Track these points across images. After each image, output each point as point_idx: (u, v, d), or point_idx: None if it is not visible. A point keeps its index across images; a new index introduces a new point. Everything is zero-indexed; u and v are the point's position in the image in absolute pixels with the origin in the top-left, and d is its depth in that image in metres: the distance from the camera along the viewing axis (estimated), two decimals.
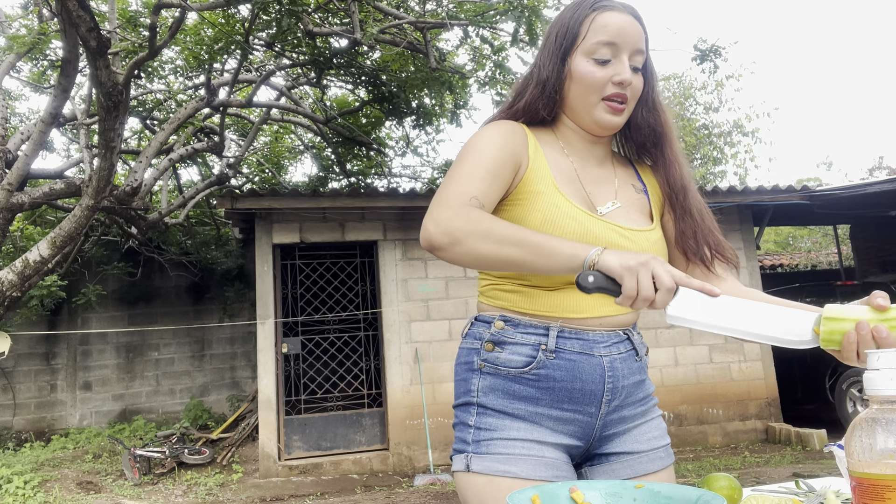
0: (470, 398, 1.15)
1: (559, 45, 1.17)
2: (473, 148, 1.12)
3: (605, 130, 1.18)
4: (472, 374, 1.16)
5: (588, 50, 1.13)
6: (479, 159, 1.10)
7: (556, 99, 1.18)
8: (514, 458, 1.09)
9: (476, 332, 1.19)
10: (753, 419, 7.48)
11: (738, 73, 16.55)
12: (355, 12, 6.41)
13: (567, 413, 1.12)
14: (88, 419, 9.06)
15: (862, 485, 0.71)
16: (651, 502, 0.84)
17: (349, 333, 7.71)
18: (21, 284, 5.41)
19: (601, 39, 1.12)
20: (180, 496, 6.21)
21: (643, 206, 1.24)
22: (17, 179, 5.58)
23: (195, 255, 9.37)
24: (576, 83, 1.15)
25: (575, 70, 1.14)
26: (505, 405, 1.12)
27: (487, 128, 1.16)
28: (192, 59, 7.32)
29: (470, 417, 1.14)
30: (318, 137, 9.99)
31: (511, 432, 1.11)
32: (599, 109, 1.14)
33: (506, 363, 1.13)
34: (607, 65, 1.13)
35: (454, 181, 1.08)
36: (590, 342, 1.13)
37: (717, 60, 6.71)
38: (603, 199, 1.19)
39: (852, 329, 0.89)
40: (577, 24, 1.15)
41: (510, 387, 1.13)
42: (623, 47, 1.13)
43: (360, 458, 6.81)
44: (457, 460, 1.14)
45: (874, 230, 9.70)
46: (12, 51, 6.06)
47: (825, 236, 16.16)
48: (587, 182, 1.20)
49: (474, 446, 1.12)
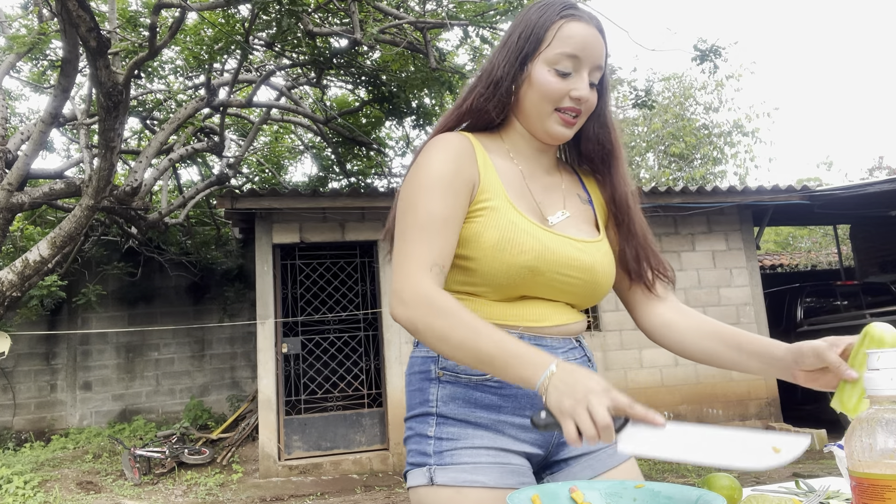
0: (428, 408, 1.11)
1: (520, 48, 1.14)
2: (424, 185, 1.08)
3: (554, 141, 1.17)
4: (429, 384, 1.13)
5: (550, 59, 1.12)
6: (432, 205, 1.07)
7: (509, 101, 1.16)
8: (481, 467, 1.05)
9: None
10: (753, 419, 7.47)
11: (738, 73, 16.56)
12: (355, 12, 6.42)
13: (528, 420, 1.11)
14: (88, 419, 9.06)
15: (862, 485, 0.71)
16: (651, 502, 0.84)
17: (349, 333, 7.71)
18: (21, 284, 5.41)
19: (565, 51, 1.11)
20: (180, 496, 6.21)
21: (589, 217, 1.23)
22: (17, 179, 5.59)
23: (195, 255, 9.37)
24: (533, 90, 1.13)
25: (534, 77, 1.13)
26: (467, 414, 1.09)
27: (435, 150, 1.12)
28: (192, 59, 7.32)
29: (429, 428, 1.10)
30: (318, 137, 10.00)
31: (475, 440, 1.08)
32: (552, 120, 1.14)
33: (466, 370, 1.09)
34: (567, 77, 1.12)
35: (414, 240, 1.05)
36: (548, 348, 1.12)
37: (717, 60, 6.72)
38: (552, 208, 1.18)
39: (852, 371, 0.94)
40: (543, 29, 1.13)
41: (471, 395, 1.09)
42: (584, 62, 1.12)
43: (360, 458, 6.81)
44: (416, 475, 1.09)
45: (874, 230, 9.71)
46: (12, 51, 6.06)
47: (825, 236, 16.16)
48: (536, 191, 1.18)
49: (437, 458, 1.07)
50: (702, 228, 7.82)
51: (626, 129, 17.43)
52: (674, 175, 17.01)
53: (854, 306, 7.84)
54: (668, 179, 16.43)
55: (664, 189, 7.54)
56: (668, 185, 8.64)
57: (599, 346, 7.30)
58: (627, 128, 17.48)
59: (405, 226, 1.08)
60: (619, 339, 7.36)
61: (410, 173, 1.13)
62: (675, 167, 17.33)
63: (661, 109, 16.39)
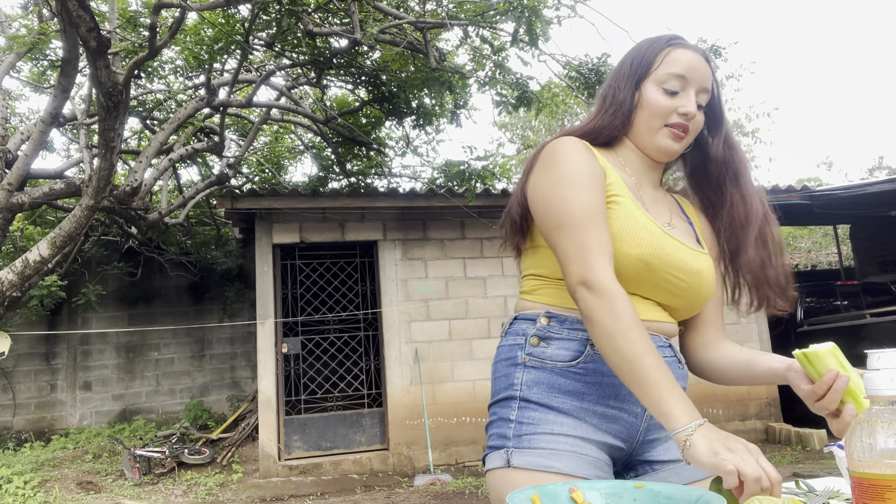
0: (512, 392, 1.14)
1: (634, 72, 1.23)
2: (573, 180, 1.13)
3: (664, 156, 1.25)
4: (514, 369, 1.15)
5: (659, 79, 1.20)
6: (588, 197, 1.11)
7: (626, 121, 1.24)
8: (559, 454, 1.07)
9: (519, 328, 1.19)
10: (753, 419, 7.48)
11: (738, 73, 16.58)
12: (355, 12, 6.42)
13: (612, 410, 1.12)
14: (88, 419, 9.06)
15: (862, 485, 0.71)
16: (651, 502, 0.84)
17: (349, 333, 7.71)
18: (21, 284, 5.41)
19: (672, 71, 1.19)
20: (180, 496, 6.21)
21: (691, 233, 1.28)
22: (17, 179, 5.58)
23: (195, 255, 9.37)
24: (644, 108, 1.22)
25: (645, 96, 1.21)
26: (549, 399, 1.11)
27: (568, 152, 1.17)
28: (192, 59, 7.32)
29: (511, 412, 1.13)
30: (318, 137, 9.99)
31: (555, 427, 1.09)
32: (662, 135, 1.21)
33: (552, 357, 1.13)
34: (675, 96, 1.20)
35: (585, 232, 1.08)
36: None
37: (717, 60, 6.72)
38: (661, 219, 1.23)
39: (835, 373, 0.96)
40: (653, 54, 1.23)
41: (555, 380, 1.12)
42: (691, 82, 1.20)
43: (360, 458, 6.81)
44: (494, 457, 1.11)
45: (874, 230, 9.70)
46: (12, 51, 6.05)
47: (825, 236, 16.16)
48: (647, 201, 1.24)
49: (515, 441, 1.10)
50: None
51: None
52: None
53: (854, 306, 7.84)
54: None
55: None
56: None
57: None
58: None
59: (572, 220, 1.10)
60: None
61: (551, 169, 1.16)
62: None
63: None
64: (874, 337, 6.70)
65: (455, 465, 6.85)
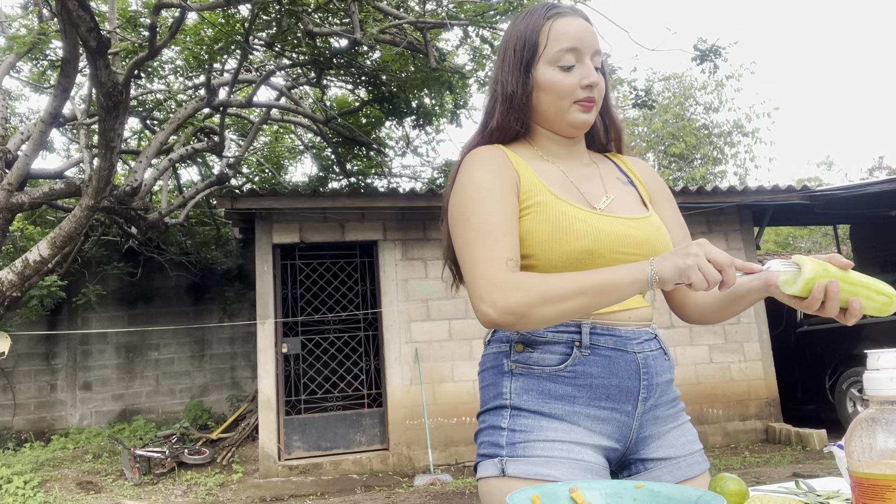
0: (502, 401, 1.12)
1: (520, 59, 1.18)
2: (474, 194, 1.12)
3: (579, 130, 1.22)
4: (502, 377, 1.13)
5: (552, 58, 1.16)
6: (487, 209, 1.10)
7: (526, 111, 1.20)
8: (554, 461, 1.05)
9: (503, 335, 1.16)
10: (753, 419, 7.48)
11: (738, 73, 16.53)
12: (355, 12, 6.42)
13: (604, 411, 1.10)
14: (88, 419, 9.06)
15: (862, 485, 0.71)
16: (651, 502, 0.84)
17: (349, 333, 7.71)
18: (21, 284, 5.41)
19: (563, 46, 1.15)
20: (180, 496, 6.21)
21: (634, 196, 1.26)
22: (17, 179, 5.59)
23: (195, 255, 9.37)
24: (545, 92, 1.17)
25: (542, 80, 1.17)
26: (541, 405, 1.09)
27: (473, 164, 1.16)
28: (192, 59, 7.33)
29: (503, 420, 1.10)
30: (318, 137, 10.00)
31: (549, 433, 1.08)
32: (573, 111, 1.17)
33: (539, 362, 1.11)
34: (572, 70, 1.16)
35: (480, 246, 1.07)
36: (623, 338, 1.13)
37: (717, 60, 6.72)
38: (596, 196, 1.20)
39: (823, 282, 0.94)
40: (535, 34, 1.17)
41: (545, 386, 1.10)
42: (584, 51, 1.16)
43: (360, 458, 6.81)
44: (486, 466, 1.09)
45: (874, 230, 9.70)
46: (12, 51, 6.06)
47: (825, 236, 16.17)
48: (578, 182, 1.21)
49: (509, 449, 1.07)
50: (702, 229, 7.82)
51: (626, 130, 17.42)
52: (674, 175, 17.01)
53: None
54: (668, 179, 16.42)
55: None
56: (669, 186, 8.63)
57: None
58: (627, 128, 17.48)
59: (468, 237, 1.09)
60: None
61: (456, 190, 1.16)
62: (675, 167, 17.32)
63: (661, 109, 16.38)
64: (874, 337, 6.70)
65: (455, 465, 6.85)
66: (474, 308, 1.05)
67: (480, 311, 1.04)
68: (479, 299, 1.04)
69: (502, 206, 1.11)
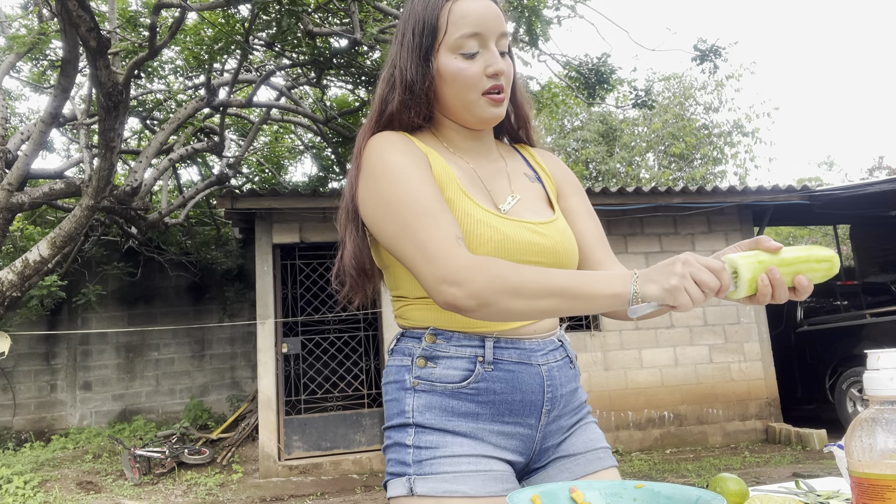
0: (405, 419, 1.06)
1: (418, 45, 1.08)
2: (393, 177, 1.03)
3: (489, 124, 1.13)
4: (404, 394, 1.07)
5: (453, 45, 1.06)
6: (414, 188, 1.01)
7: (427, 101, 1.10)
8: (463, 476, 1.01)
9: (405, 347, 1.10)
10: (753, 419, 7.48)
11: (738, 73, 16.53)
12: (355, 12, 6.42)
13: (508, 426, 1.07)
14: (88, 419, 9.06)
15: (862, 485, 0.71)
16: (651, 502, 0.84)
17: (349, 333, 7.71)
18: (21, 284, 5.41)
19: (465, 32, 1.05)
20: (180, 496, 6.21)
21: (540, 195, 1.19)
22: (17, 179, 5.59)
23: (195, 255, 9.37)
24: (448, 83, 1.07)
25: (444, 69, 1.07)
26: (444, 423, 1.04)
27: (380, 146, 1.06)
28: (192, 59, 7.33)
29: (407, 437, 1.05)
30: (318, 137, 10.00)
31: (455, 448, 1.03)
32: (481, 105, 1.08)
33: (441, 378, 1.05)
34: (476, 57, 1.06)
35: (423, 227, 0.98)
36: (527, 351, 1.08)
37: (717, 60, 6.72)
38: (502, 195, 1.13)
39: (764, 274, 0.89)
40: (434, 17, 1.07)
41: (448, 403, 1.05)
42: (489, 35, 1.06)
43: (360, 458, 6.81)
44: (395, 485, 1.03)
45: (874, 230, 9.71)
46: (12, 51, 6.06)
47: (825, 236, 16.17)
48: (486, 179, 1.13)
49: (416, 467, 1.02)
50: (702, 229, 7.82)
51: (626, 129, 17.43)
52: (674, 175, 17.01)
53: (854, 306, 7.84)
54: (668, 179, 16.42)
55: (664, 189, 7.54)
56: (668, 186, 8.64)
57: (599, 346, 7.30)
58: (627, 128, 17.48)
59: (404, 222, 1.00)
60: (619, 340, 7.36)
61: (368, 179, 1.05)
62: (675, 167, 17.32)
63: (661, 109, 16.38)
64: (874, 337, 6.70)
65: None
66: (432, 290, 0.96)
67: (442, 292, 0.95)
68: (439, 280, 0.95)
69: (428, 184, 1.02)
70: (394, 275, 1.12)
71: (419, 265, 0.98)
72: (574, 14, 7.14)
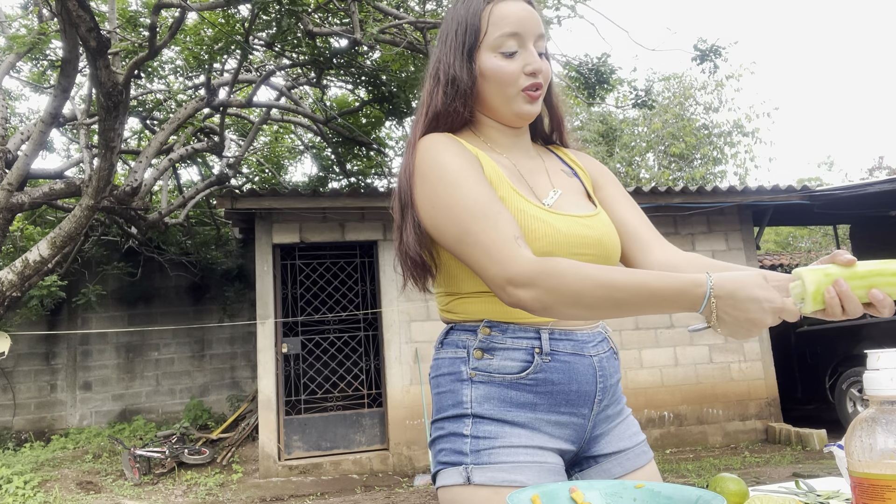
0: (463, 409, 1.08)
1: (461, 43, 1.13)
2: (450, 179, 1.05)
3: (524, 121, 1.17)
4: (461, 385, 1.09)
5: (493, 45, 1.11)
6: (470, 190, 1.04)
7: (473, 96, 1.14)
8: (521, 467, 1.04)
9: (458, 340, 1.12)
10: (753, 419, 7.48)
11: (738, 74, 16.52)
12: (355, 12, 6.42)
13: (563, 416, 1.10)
14: (88, 419, 9.06)
15: (862, 485, 0.71)
16: (651, 502, 0.84)
17: (349, 333, 7.71)
18: (21, 284, 5.41)
19: (505, 32, 1.11)
20: (180, 496, 6.21)
21: (579, 189, 1.23)
22: (17, 179, 5.58)
23: (195, 255, 9.37)
24: (489, 80, 1.12)
25: (485, 67, 1.12)
26: (503, 413, 1.07)
27: (435, 148, 1.09)
28: (192, 59, 7.33)
29: (465, 427, 1.07)
30: (318, 137, 10.00)
31: (513, 439, 1.06)
32: (518, 101, 1.13)
33: (500, 369, 1.08)
34: (515, 56, 1.11)
35: (483, 230, 1.01)
36: (580, 342, 1.11)
37: (717, 60, 6.72)
38: (544, 189, 1.17)
39: (831, 286, 0.88)
40: (476, 18, 1.13)
41: (507, 394, 1.08)
42: (527, 36, 1.12)
43: (360, 458, 6.81)
44: (450, 473, 1.05)
45: (874, 230, 9.70)
46: (12, 51, 6.06)
47: (825, 236, 16.18)
48: (527, 175, 1.17)
49: (473, 456, 1.04)
50: (702, 228, 7.82)
51: (626, 130, 17.42)
52: (674, 175, 17.00)
53: None
54: (668, 179, 16.42)
55: (664, 189, 7.54)
56: (668, 185, 8.64)
57: None
58: (627, 128, 17.48)
59: (464, 226, 1.03)
60: (618, 339, 7.36)
61: (423, 181, 1.08)
62: (675, 167, 17.32)
63: (661, 109, 16.37)
64: (874, 337, 6.71)
65: None
66: (499, 291, 1.00)
67: (509, 293, 0.99)
68: (505, 283, 0.98)
69: (483, 184, 1.06)
70: (447, 272, 1.14)
71: (485, 267, 1.01)
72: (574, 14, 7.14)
